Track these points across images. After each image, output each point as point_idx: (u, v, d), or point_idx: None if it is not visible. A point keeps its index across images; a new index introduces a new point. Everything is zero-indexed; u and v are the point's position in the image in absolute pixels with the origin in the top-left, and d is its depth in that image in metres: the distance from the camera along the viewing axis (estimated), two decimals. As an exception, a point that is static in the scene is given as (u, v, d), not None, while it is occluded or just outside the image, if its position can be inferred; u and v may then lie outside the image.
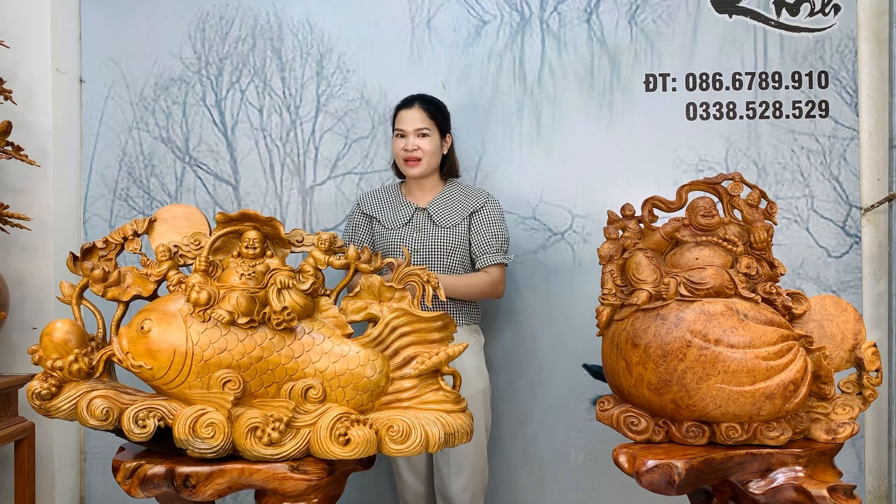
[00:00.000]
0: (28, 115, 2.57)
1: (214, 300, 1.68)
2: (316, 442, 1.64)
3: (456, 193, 2.45)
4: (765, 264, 1.80)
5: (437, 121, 2.42)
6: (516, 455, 2.74)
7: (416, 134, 2.38)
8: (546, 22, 2.76)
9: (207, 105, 2.78)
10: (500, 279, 2.41)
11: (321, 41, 2.78)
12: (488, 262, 2.39)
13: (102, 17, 2.78)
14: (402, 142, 2.39)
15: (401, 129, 2.40)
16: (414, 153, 2.38)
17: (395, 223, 2.42)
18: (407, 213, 2.42)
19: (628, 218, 1.87)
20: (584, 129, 2.74)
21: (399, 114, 2.43)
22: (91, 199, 2.77)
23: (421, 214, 2.42)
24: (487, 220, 2.41)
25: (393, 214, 2.43)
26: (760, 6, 2.73)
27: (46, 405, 1.65)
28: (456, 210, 2.42)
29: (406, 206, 2.44)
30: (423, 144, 2.38)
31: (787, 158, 2.71)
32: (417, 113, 2.39)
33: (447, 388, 1.75)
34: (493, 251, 2.40)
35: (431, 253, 2.37)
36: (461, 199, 2.44)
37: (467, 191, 2.47)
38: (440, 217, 2.40)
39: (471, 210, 2.41)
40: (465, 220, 2.41)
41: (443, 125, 2.44)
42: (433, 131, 2.40)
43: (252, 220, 1.78)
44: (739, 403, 1.63)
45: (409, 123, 2.39)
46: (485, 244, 2.40)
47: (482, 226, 2.41)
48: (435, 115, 2.42)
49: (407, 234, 2.40)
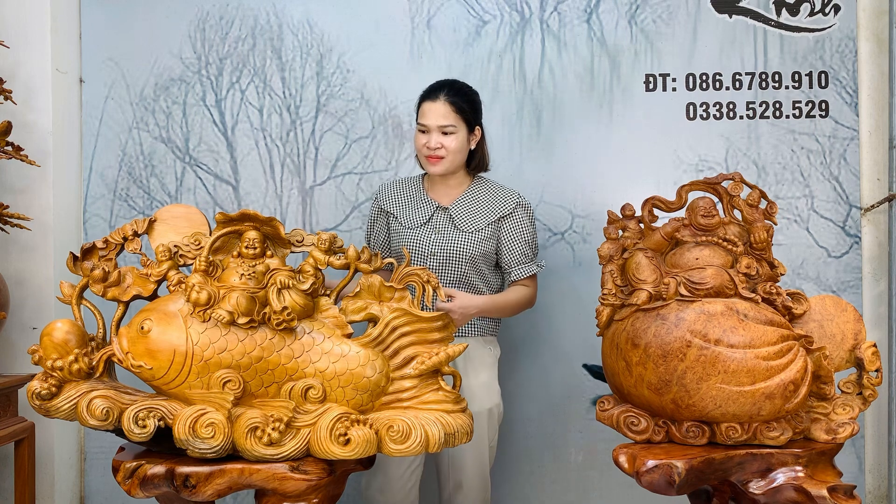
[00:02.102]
0: (28, 115, 2.57)
1: (214, 300, 1.68)
2: (316, 442, 1.64)
3: (483, 193, 2.26)
4: (765, 264, 1.80)
5: (465, 115, 2.18)
6: (516, 455, 2.74)
7: (440, 131, 2.16)
8: (546, 22, 2.76)
9: (207, 105, 2.78)
10: (536, 289, 2.29)
11: (321, 41, 2.78)
12: (525, 273, 2.23)
13: (102, 17, 2.77)
14: (424, 138, 2.17)
15: (423, 125, 2.18)
16: (437, 151, 2.16)
17: (413, 221, 2.23)
18: (427, 212, 2.23)
19: (628, 218, 1.87)
20: (584, 129, 2.74)
21: (423, 106, 2.20)
22: (91, 199, 2.77)
23: (442, 214, 2.23)
24: (520, 227, 2.24)
25: (411, 211, 2.25)
26: (760, 6, 2.73)
27: (46, 405, 1.65)
28: (481, 214, 2.22)
29: (427, 203, 2.25)
30: (447, 142, 2.16)
31: (787, 158, 2.71)
32: (442, 107, 2.16)
33: (447, 388, 1.75)
34: (528, 261, 2.24)
35: (450, 258, 2.19)
36: (488, 202, 2.24)
37: (496, 191, 2.27)
38: (462, 220, 2.21)
39: (499, 214, 2.22)
40: (492, 226, 2.22)
41: (472, 118, 2.21)
42: (459, 127, 2.17)
43: (252, 220, 1.78)
44: (739, 403, 1.63)
45: (432, 118, 2.16)
46: (520, 254, 2.23)
47: (515, 234, 2.23)
48: (462, 108, 2.18)
49: (424, 234, 2.21)
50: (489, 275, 2.29)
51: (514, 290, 2.25)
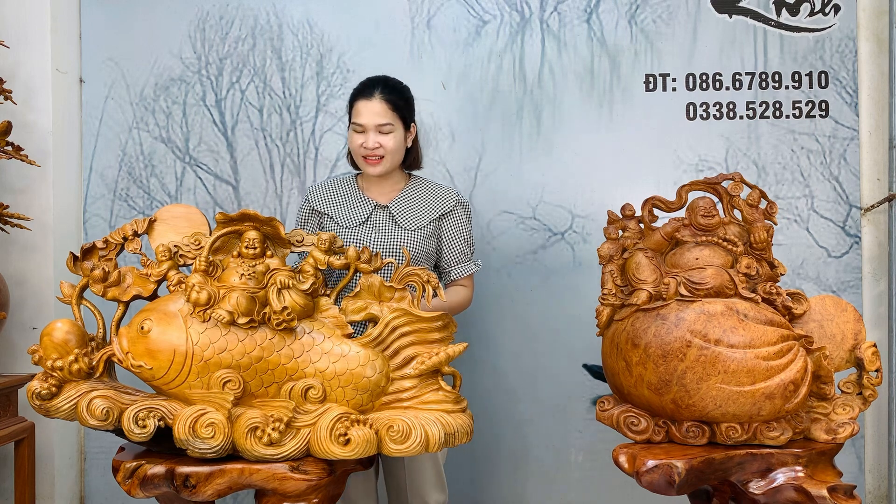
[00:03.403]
0: (28, 115, 2.57)
1: (214, 300, 1.68)
2: (316, 442, 1.64)
3: (422, 191, 2.21)
4: (765, 264, 1.80)
5: (401, 112, 2.12)
6: (517, 455, 2.74)
7: (377, 130, 2.09)
8: (546, 22, 2.76)
9: (207, 105, 2.78)
10: (472, 289, 2.26)
11: (321, 41, 2.78)
12: (464, 272, 2.21)
13: (102, 17, 2.78)
14: (361, 137, 2.10)
15: (359, 124, 2.10)
16: (375, 151, 2.10)
17: (351, 221, 2.15)
18: (365, 211, 2.15)
19: (628, 218, 1.87)
20: (584, 128, 2.74)
21: (357, 104, 2.12)
22: (91, 199, 2.77)
23: (381, 213, 2.16)
24: (459, 225, 2.20)
25: (348, 211, 2.17)
26: (760, 6, 2.73)
27: (46, 405, 1.65)
28: (422, 211, 2.17)
29: (364, 201, 2.17)
30: (385, 142, 2.09)
31: (787, 158, 2.71)
32: (378, 105, 2.08)
33: (447, 388, 1.75)
34: (467, 260, 2.22)
35: (392, 257, 2.06)
36: (428, 199, 2.19)
37: (434, 189, 2.22)
38: (404, 218, 2.15)
39: (440, 212, 2.18)
40: (433, 224, 2.17)
41: (407, 115, 2.14)
42: (396, 125, 2.11)
43: (252, 220, 1.78)
44: (739, 403, 1.63)
45: (368, 117, 2.08)
46: (459, 253, 2.20)
47: (455, 232, 2.20)
48: (398, 105, 2.11)
49: (364, 233, 2.14)
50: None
51: (453, 290, 2.21)
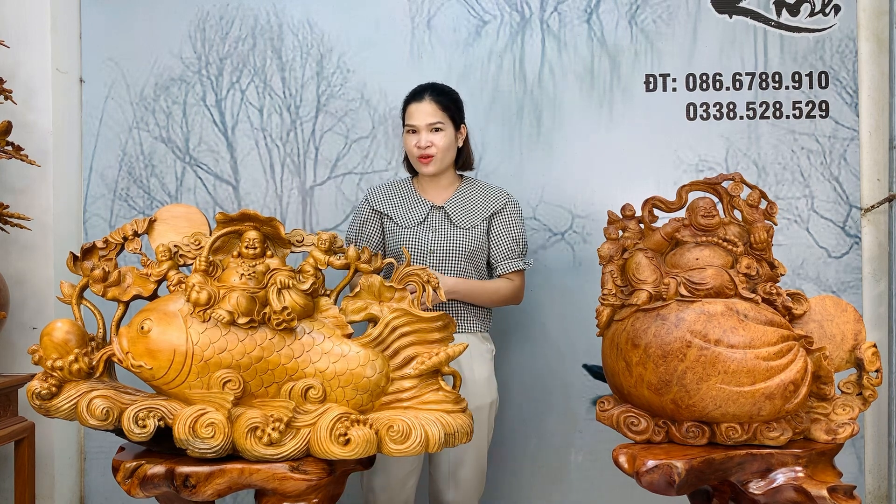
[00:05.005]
0: (28, 115, 2.57)
1: (214, 300, 1.68)
2: (316, 442, 1.64)
3: (475, 192, 2.33)
4: (765, 264, 1.80)
5: (451, 112, 2.26)
6: (516, 455, 2.74)
7: (429, 129, 2.23)
8: (546, 22, 2.76)
9: (207, 105, 2.78)
10: (522, 286, 2.33)
11: (321, 41, 2.78)
12: (510, 268, 2.29)
13: (102, 17, 2.78)
14: (414, 138, 2.25)
15: (412, 125, 2.25)
16: (427, 150, 2.23)
17: (410, 221, 2.28)
18: (422, 212, 2.28)
19: (628, 218, 1.87)
20: (584, 129, 2.74)
21: (409, 108, 2.28)
22: (91, 199, 2.77)
23: (437, 213, 2.29)
24: (509, 223, 2.31)
25: (407, 212, 2.30)
26: (760, 6, 2.73)
27: (46, 405, 1.65)
28: (476, 210, 2.29)
29: (421, 203, 2.30)
30: (437, 140, 2.23)
31: (787, 159, 2.71)
32: (428, 106, 2.24)
33: (447, 389, 1.75)
34: (515, 256, 2.30)
35: (449, 255, 2.25)
36: (481, 199, 2.31)
37: (486, 189, 2.35)
38: (459, 217, 2.27)
39: (491, 211, 2.29)
40: (485, 222, 2.29)
41: (456, 116, 2.29)
42: (447, 124, 2.25)
43: (252, 220, 1.78)
44: (739, 404, 1.63)
45: (420, 118, 2.23)
46: (507, 249, 2.29)
47: (504, 229, 2.30)
48: (448, 106, 2.26)
49: (422, 233, 2.26)
50: (486, 272, 2.35)
51: (497, 280, 2.30)
